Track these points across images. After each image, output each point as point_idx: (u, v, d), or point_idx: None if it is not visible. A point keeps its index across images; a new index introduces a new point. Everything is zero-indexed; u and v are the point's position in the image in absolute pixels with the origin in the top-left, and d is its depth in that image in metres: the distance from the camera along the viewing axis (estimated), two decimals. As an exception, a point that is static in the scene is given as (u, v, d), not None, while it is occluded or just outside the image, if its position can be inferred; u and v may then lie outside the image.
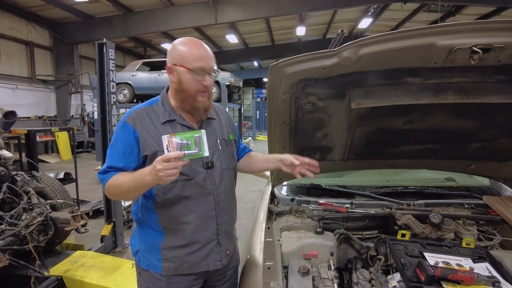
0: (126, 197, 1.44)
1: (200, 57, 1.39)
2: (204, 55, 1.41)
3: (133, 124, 1.43)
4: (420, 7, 13.17)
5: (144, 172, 1.30)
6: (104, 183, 1.43)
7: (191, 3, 12.40)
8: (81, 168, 8.66)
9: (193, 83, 1.40)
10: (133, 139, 1.42)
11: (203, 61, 1.39)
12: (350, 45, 1.35)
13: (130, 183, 1.34)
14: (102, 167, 1.46)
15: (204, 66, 1.40)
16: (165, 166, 1.21)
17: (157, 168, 1.22)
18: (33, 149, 4.98)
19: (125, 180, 1.36)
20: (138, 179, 1.31)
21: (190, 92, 1.42)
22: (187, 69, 1.38)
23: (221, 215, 1.54)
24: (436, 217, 1.91)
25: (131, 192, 1.38)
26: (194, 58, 1.38)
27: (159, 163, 1.22)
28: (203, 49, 1.42)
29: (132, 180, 1.33)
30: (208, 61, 1.42)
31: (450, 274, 1.39)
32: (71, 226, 3.08)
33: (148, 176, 1.27)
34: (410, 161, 2.32)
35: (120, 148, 1.43)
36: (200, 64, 1.39)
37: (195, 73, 1.39)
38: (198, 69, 1.38)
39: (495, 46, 1.25)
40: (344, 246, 2.13)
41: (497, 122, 1.84)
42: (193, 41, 1.43)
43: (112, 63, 4.27)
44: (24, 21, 12.97)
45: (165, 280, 1.49)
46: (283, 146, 2.04)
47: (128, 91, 10.59)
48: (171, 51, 1.44)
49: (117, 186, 1.39)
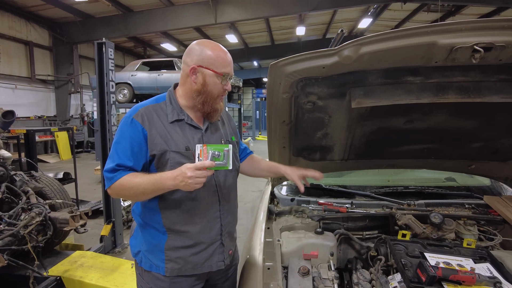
0: (137, 198, 1.42)
1: (229, 63, 1.45)
2: (230, 62, 1.47)
3: (141, 121, 1.40)
4: (420, 7, 13.18)
5: (166, 176, 1.30)
6: (112, 182, 1.38)
7: (190, 3, 12.40)
8: (81, 168, 8.64)
9: (218, 87, 1.44)
10: (142, 137, 1.39)
11: (230, 67, 1.46)
12: (351, 44, 1.34)
13: (147, 185, 1.32)
14: (108, 164, 1.40)
15: (230, 72, 1.46)
16: (196, 174, 1.25)
17: (188, 175, 1.24)
18: (32, 149, 4.97)
19: (140, 182, 1.33)
20: (157, 183, 1.31)
21: (213, 95, 1.45)
22: (216, 73, 1.41)
23: (225, 216, 1.54)
24: (437, 217, 1.91)
25: (145, 195, 1.36)
26: (223, 63, 1.43)
27: (191, 170, 1.25)
28: (229, 55, 1.47)
29: (149, 183, 1.31)
30: (232, 68, 1.48)
31: (451, 275, 1.38)
32: (70, 226, 3.06)
33: (171, 181, 1.28)
34: (410, 161, 2.32)
35: (128, 146, 1.39)
36: (228, 70, 1.44)
37: (221, 77, 1.43)
38: (225, 74, 1.43)
39: (496, 45, 1.24)
40: (344, 246, 2.13)
41: (498, 122, 1.83)
42: (219, 46, 1.47)
43: (112, 63, 4.26)
44: (24, 20, 12.97)
45: (168, 281, 1.48)
46: (283, 146, 2.03)
47: (128, 91, 10.56)
48: (196, 52, 1.43)
49: (131, 188, 1.34)
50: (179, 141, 1.42)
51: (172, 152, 1.39)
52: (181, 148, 1.41)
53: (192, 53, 1.44)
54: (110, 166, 1.39)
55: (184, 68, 1.47)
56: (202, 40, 1.49)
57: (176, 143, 1.41)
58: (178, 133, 1.43)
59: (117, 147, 1.41)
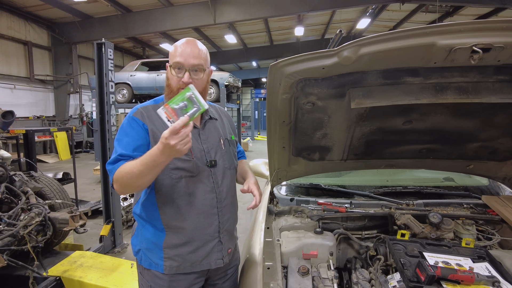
0: (138, 183, 1.33)
1: (180, 53, 1.41)
2: (184, 52, 1.41)
3: (141, 117, 1.43)
4: (418, 7, 13.21)
5: (153, 153, 1.24)
6: (113, 174, 1.36)
7: (189, 3, 12.39)
8: (80, 168, 8.64)
9: (175, 80, 1.43)
10: (144, 131, 1.41)
11: (181, 57, 1.40)
12: (350, 45, 1.34)
13: (141, 166, 1.27)
14: (111, 157, 1.39)
15: (181, 62, 1.40)
16: (178, 137, 1.17)
17: (171, 143, 1.17)
18: (31, 149, 4.97)
19: (135, 165, 1.29)
20: (149, 161, 1.25)
21: (172, 88, 1.44)
22: (170, 66, 1.44)
23: (223, 214, 1.55)
24: (436, 216, 1.91)
25: (143, 176, 1.29)
26: (175, 54, 1.42)
27: (171, 138, 1.17)
28: (187, 46, 1.42)
29: (142, 164, 1.26)
30: (187, 58, 1.41)
31: (450, 274, 1.39)
32: (70, 226, 3.07)
33: (161, 155, 1.22)
34: (409, 161, 2.32)
35: (130, 140, 1.40)
36: (177, 60, 1.41)
37: (174, 69, 1.42)
38: (175, 64, 1.41)
39: (495, 46, 1.25)
40: (344, 246, 2.13)
41: (496, 122, 1.84)
42: (185, 39, 1.46)
43: (111, 63, 4.26)
44: (22, 20, 12.94)
45: (167, 279, 1.49)
46: (282, 146, 2.04)
47: (127, 91, 10.55)
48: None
49: (127, 172, 1.31)
50: None
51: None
52: None
53: None
54: (112, 157, 1.39)
55: None
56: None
57: None
58: None
59: (119, 143, 1.42)
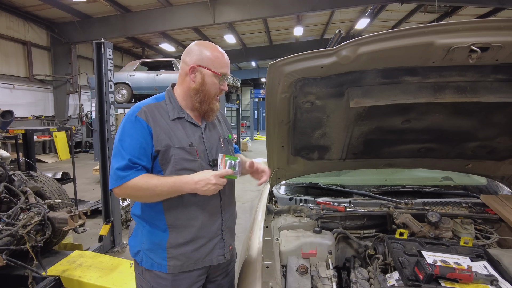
0: (147, 199, 1.43)
1: (226, 64, 1.51)
2: (228, 63, 1.52)
3: (145, 118, 1.42)
4: (417, 7, 13.20)
5: (185, 181, 1.36)
6: (124, 181, 1.36)
7: (189, 3, 12.38)
8: (79, 168, 8.63)
9: (215, 87, 1.49)
10: (148, 134, 1.40)
11: (227, 68, 1.51)
12: (349, 44, 1.35)
13: (164, 188, 1.35)
14: (118, 162, 1.38)
15: (227, 73, 1.51)
16: (220, 181, 1.37)
17: (213, 182, 1.35)
18: (30, 149, 4.97)
19: (158, 184, 1.35)
20: (175, 186, 1.36)
21: (210, 94, 1.49)
22: (214, 73, 1.46)
23: (225, 211, 1.58)
24: (434, 216, 1.92)
25: (160, 197, 1.40)
26: (221, 64, 1.48)
27: (217, 178, 1.36)
28: (226, 57, 1.52)
29: (167, 186, 1.36)
30: (229, 69, 1.54)
31: (448, 273, 1.40)
32: (69, 226, 3.06)
33: (192, 185, 1.35)
34: (407, 160, 2.33)
35: (136, 143, 1.39)
36: (225, 71, 1.50)
37: (219, 78, 1.48)
38: (223, 74, 1.49)
39: (493, 45, 1.26)
40: (342, 245, 2.13)
41: (494, 121, 1.85)
42: (217, 47, 1.52)
43: (110, 63, 4.26)
44: (22, 20, 12.91)
45: (170, 278, 1.49)
46: (281, 145, 2.04)
47: (126, 91, 10.54)
48: (195, 52, 1.47)
49: (146, 189, 1.36)
50: (182, 138, 1.45)
51: (176, 148, 1.42)
52: (184, 144, 1.44)
53: (191, 52, 1.48)
54: (123, 163, 1.37)
55: (183, 67, 1.50)
56: (201, 41, 1.53)
57: (179, 140, 1.44)
58: (180, 130, 1.46)
59: (122, 144, 1.40)
